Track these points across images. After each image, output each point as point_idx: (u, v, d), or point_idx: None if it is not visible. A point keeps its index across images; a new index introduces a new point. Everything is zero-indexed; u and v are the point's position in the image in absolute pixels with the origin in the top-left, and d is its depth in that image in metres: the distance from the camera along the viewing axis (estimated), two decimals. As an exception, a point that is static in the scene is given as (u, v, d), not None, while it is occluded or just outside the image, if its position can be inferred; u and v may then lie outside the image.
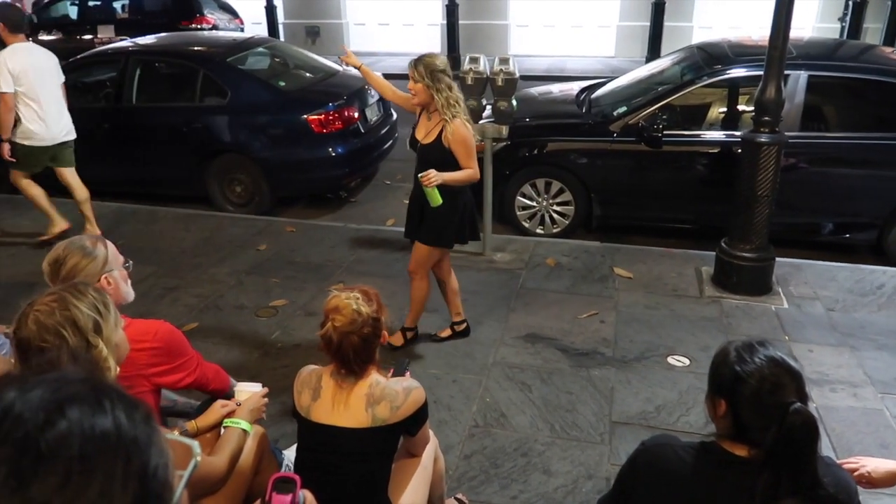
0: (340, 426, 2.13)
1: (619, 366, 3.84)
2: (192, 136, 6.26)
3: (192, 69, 6.41)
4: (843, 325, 4.23)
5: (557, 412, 3.46)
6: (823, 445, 1.87)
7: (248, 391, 2.47)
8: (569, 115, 6.04)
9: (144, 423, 0.71)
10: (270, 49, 7.25)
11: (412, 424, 2.21)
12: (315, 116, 6.03)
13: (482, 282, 4.79)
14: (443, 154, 3.56)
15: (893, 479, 1.91)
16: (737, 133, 5.02)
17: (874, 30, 11.87)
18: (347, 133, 6.20)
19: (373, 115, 6.67)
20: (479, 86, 4.71)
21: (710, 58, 5.63)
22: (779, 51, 4.17)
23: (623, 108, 5.60)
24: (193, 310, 4.48)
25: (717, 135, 5.44)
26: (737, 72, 5.38)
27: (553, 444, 3.23)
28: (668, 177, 5.47)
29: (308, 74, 6.96)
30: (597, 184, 5.54)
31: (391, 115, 7.08)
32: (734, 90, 5.54)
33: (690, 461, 1.67)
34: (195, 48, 6.90)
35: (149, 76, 6.64)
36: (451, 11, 13.01)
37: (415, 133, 3.77)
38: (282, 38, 14.10)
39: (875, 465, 1.91)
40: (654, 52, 12.35)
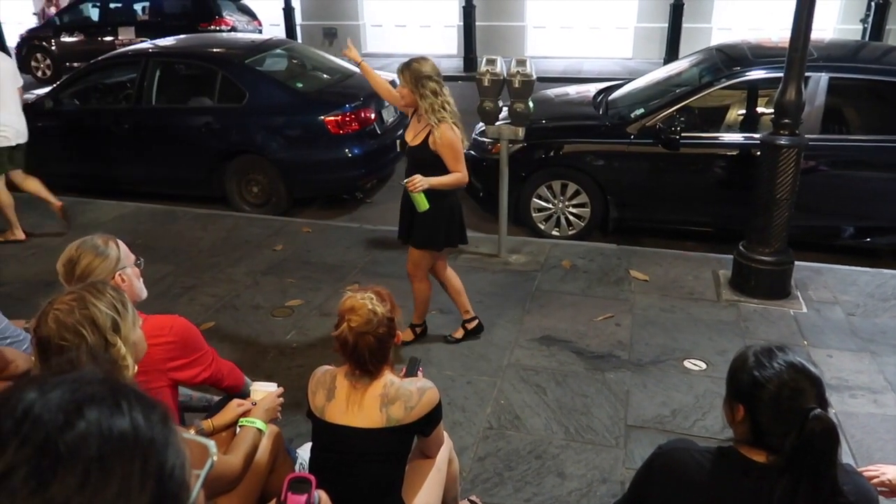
0: (355, 426, 2.13)
1: (635, 369, 3.81)
2: (211, 137, 6.32)
3: (211, 71, 6.47)
4: (864, 331, 4.18)
5: (572, 415, 3.44)
6: (843, 452, 1.84)
7: (264, 391, 2.49)
8: (585, 117, 6.01)
9: (162, 424, 0.71)
10: (288, 51, 7.30)
11: (426, 425, 2.21)
12: (332, 118, 6.06)
13: (497, 283, 4.79)
14: (430, 156, 3.57)
15: (915, 488, 1.88)
16: (756, 135, 4.96)
17: (897, 31, 11.75)
18: (364, 134, 6.22)
19: (389, 117, 6.69)
20: (496, 87, 4.71)
21: (730, 59, 5.58)
22: (799, 52, 4.11)
23: (640, 110, 5.57)
24: (210, 309, 4.52)
25: (736, 137, 5.39)
26: (756, 74, 5.33)
27: (567, 447, 3.22)
28: (686, 179, 5.42)
29: (325, 76, 7.00)
30: (613, 186, 5.51)
31: (407, 117, 7.07)
32: (753, 92, 5.48)
33: (708, 466, 1.65)
34: (214, 50, 6.96)
35: (168, 77, 6.72)
36: (468, 13, 13.00)
37: (405, 135, 3.80)
38: (299, 40, 14.19)
39: (896, 474, 1.88)
40: (673, 54, 12.27)
